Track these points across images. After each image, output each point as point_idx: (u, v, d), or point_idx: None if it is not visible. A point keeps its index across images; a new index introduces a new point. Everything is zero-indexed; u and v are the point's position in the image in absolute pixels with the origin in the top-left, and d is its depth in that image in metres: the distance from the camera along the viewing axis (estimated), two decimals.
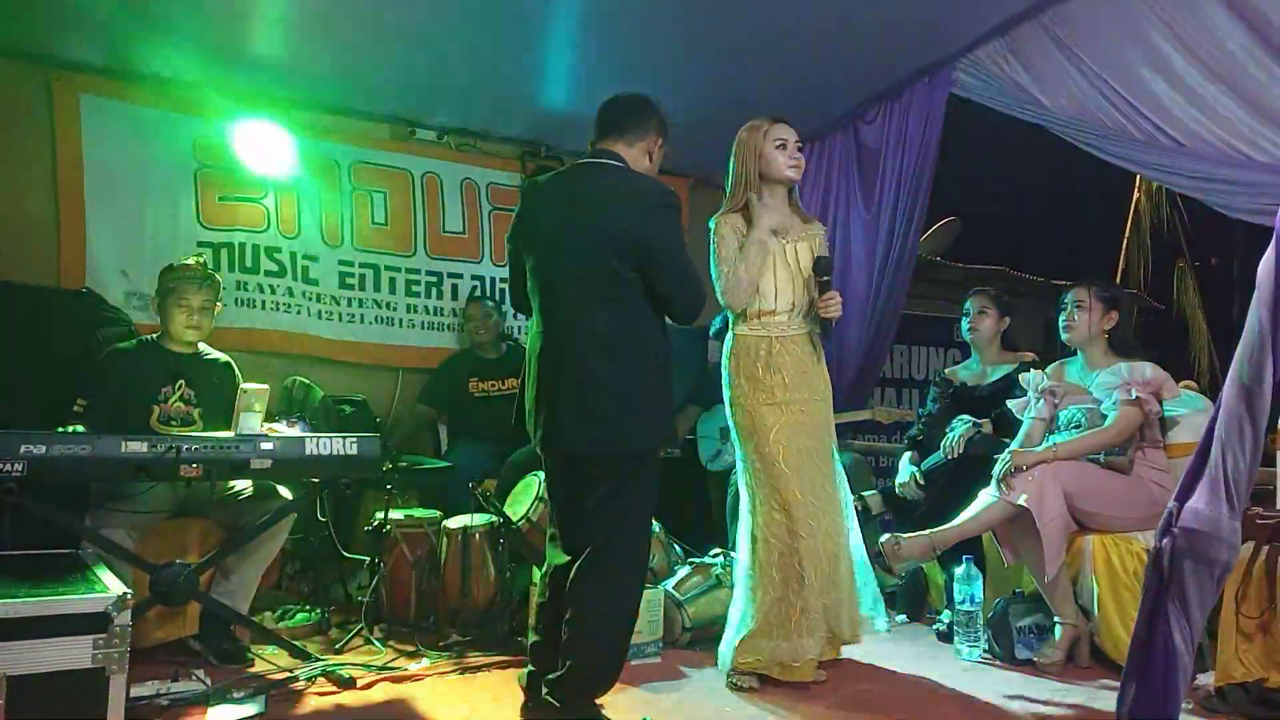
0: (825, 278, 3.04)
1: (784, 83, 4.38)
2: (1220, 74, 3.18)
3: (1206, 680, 2.81)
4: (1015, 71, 3.86)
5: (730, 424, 3.14)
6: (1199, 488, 1.23)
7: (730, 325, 3.15)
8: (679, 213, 2.57)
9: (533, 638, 2.63)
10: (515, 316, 5.07)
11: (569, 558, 2.54)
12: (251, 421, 3.12)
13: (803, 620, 2.92)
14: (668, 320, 2.59)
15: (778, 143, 3.08)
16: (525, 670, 2.65)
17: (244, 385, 3.26)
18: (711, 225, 3.13)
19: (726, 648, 3.03)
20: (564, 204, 2.56)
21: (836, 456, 3.16)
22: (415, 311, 5.22)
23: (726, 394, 3.12)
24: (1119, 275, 9.07)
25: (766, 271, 3.04)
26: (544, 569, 2.66)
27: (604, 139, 2.64)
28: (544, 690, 2.47)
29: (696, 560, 3.73)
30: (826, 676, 3.02)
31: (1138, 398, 3.26)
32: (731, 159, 3.14)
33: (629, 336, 2.48)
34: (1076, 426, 3.38)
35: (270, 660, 3.11)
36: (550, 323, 2.54)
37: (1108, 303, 3.50)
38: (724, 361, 3.14)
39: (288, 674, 2.97)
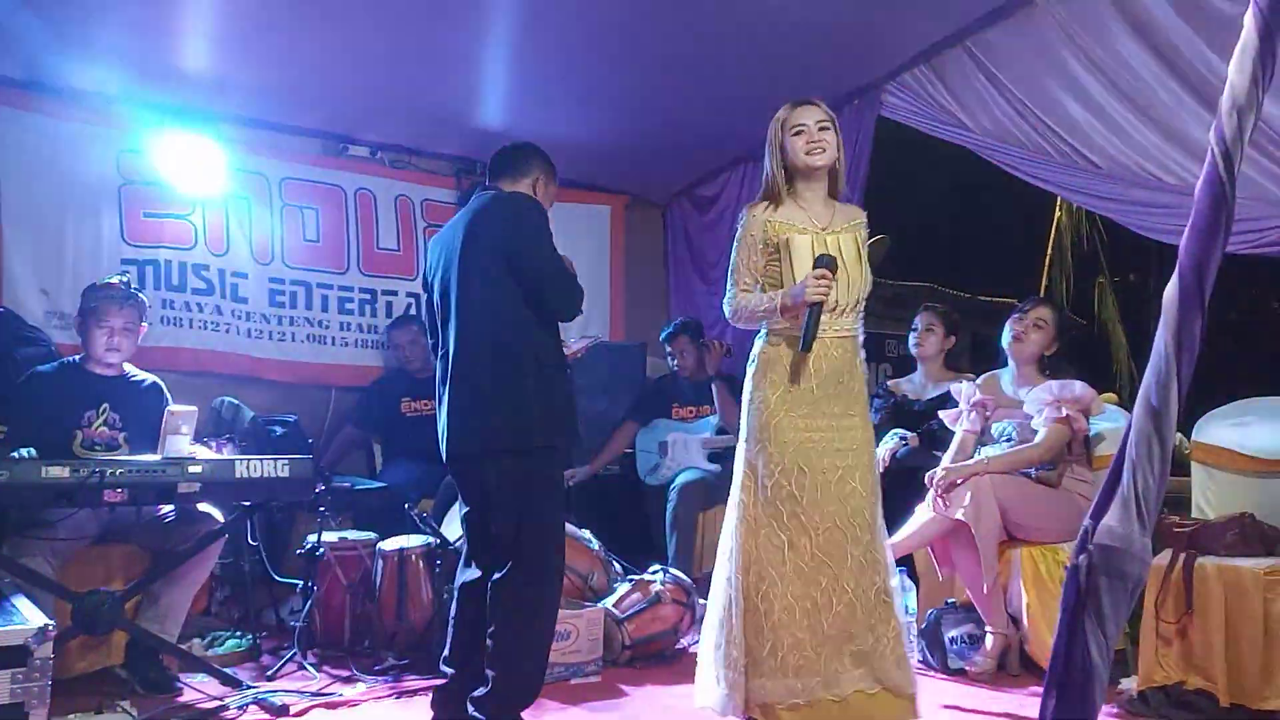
0: (822, 269, 2.66)
1: (717, 104, 4.44)
2: (1133, 99, 3.30)
3: (1130, 685, 2.90)
4: (940, 94, 3.97)
5: (743, 425, 2.80)
6: (1112, 505, 1.29)
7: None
8: (543, 215, 2.70)
9: (444, 652, 2.69)
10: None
11: (479, 573, 2.63)
12: (179, 444, 3.06)
13: (790, 657, 2.57)
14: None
15: (795, 130, 2.79)
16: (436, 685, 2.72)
17: (170, 406, 3.19)
18: (742, 216, 2.88)
19: (728, 686, 2.59)
20: (452, 232, 2.75)
21: (876, 481, 2.78)
22: (348, 330, 5.16)
23: (747, 394, 2.79)
24: (1042, 291, 9.33)
25: (805, 268, 2.74)
26: (456, 582, 2.72)
27: (492, 181, 2.85)
28: (470, 708, 2.49)
29: (636, 577, 3.73)
30: None
31: (1067, 415, 3.34)
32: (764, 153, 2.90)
33: (511, 341, 2.59)
34: (1008, 440, 3.47)
35: (200, 689, 3.04)
36: (447, 340, 2.68)
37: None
38: (751, 363, 2.83)
39: (218, 703, 2.91)
